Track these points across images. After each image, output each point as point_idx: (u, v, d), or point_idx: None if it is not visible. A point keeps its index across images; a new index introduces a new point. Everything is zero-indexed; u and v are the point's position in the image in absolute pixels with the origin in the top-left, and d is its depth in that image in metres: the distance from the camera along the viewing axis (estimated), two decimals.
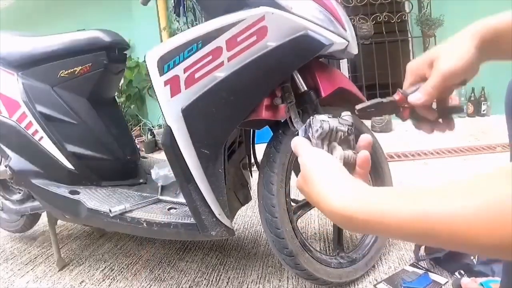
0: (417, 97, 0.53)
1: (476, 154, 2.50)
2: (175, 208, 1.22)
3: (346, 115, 0.51)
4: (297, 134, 0.53)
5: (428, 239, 0.35)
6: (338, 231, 1.24)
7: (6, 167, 1.36)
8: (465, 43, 0.51)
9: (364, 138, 0.49)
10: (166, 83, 0.97)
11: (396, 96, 0.55)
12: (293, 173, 1.16)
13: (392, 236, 0.38)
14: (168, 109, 0.98)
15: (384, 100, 0.56)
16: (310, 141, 0.50)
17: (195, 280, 1.33)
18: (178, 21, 3.78)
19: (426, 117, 0.57)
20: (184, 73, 0.96)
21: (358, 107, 0.57)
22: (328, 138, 0.49)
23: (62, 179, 1.34)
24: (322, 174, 0.43)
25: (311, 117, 0.50)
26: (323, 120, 0.49)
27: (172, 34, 3.80)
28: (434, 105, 0.57)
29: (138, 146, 3.36)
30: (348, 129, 0.50)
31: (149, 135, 3.84)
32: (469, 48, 0.50)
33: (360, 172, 0.47)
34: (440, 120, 0.57)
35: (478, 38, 0.51)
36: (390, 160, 2.45)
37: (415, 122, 0.59)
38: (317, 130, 0.49)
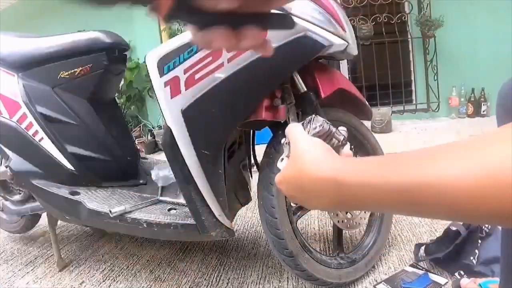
0: None
1: None
2: (175, 209, 1.22)
3: (342, 129, 0.52)
4: None
5: (422, 208, 0.32)
6: (338, 232, 1.24)
7: (6, 167, 1.36)
8: None
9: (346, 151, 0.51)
10: (166, 84, 0.97)
11: None
12: None
13: (383, 207, 0.36)
14: (168, 110, 0.98)
15: None
16: None
17: (195, 280, 1.33)
18: (178, 22, 3.78)
19: None
20: (184, 74, 0.97)
21: None
22: (323, 139, 0.50)
23: (63, 180, 1.34)
24: (314, 151, 0.43)
25: (313, 115, 0.51)
26: (324, 121, 0.50)
27: (172, 35, 3.81)
28: None
29: (138, 147, 3.38)
30: (343, 139, 0.51)
31: (149, 136, 3.84)
32: None
33: None
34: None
35: None
36: None
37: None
38: (315, 128, 0.50)
